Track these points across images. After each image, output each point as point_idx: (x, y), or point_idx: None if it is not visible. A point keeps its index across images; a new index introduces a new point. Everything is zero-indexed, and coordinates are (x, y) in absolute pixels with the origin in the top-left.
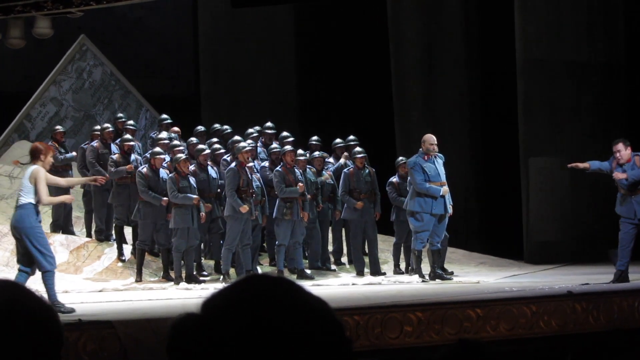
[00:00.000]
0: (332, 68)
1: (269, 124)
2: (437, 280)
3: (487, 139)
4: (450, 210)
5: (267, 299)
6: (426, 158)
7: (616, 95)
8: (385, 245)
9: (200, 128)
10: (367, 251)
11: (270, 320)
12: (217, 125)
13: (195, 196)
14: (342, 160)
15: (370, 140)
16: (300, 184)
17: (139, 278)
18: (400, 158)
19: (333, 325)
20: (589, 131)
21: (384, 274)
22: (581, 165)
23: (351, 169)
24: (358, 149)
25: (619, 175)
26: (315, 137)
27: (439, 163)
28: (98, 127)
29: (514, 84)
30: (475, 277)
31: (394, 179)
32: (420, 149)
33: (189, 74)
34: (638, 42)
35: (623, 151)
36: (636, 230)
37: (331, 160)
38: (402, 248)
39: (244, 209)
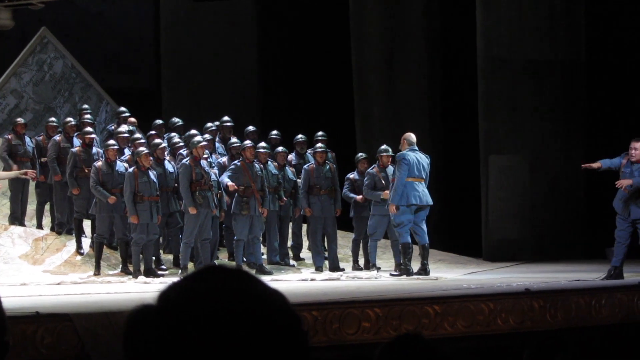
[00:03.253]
0: (294, 63)
1: (226, 118)
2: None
3: (447, 136)
4: (429, 201)
5: (223, 290)
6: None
7: (577, 93)
8: (344, 241)
9: (158, 122)
10: (326, 247)
11: (227, 312)
12: (175, 120)
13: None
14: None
15: (331, 136)
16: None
17: (97, 271)
18: (360, 154)
19: (290, 318)
20: (549, 130)
21: (343, 269)
22: (594, 165)
23: (312, 165)
24: (319, 144)
25: (623, 182)
26: (275, 132)
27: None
28: (53, 118)
29: (475, 82)
30: (434, 273)
31: (352, 175)
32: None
33: (150, 68)
34: (599, 40)
35: (639, 150)
36: (632, 228)
37: (291, 155)
38: (360, 244)
39: (192, 210)
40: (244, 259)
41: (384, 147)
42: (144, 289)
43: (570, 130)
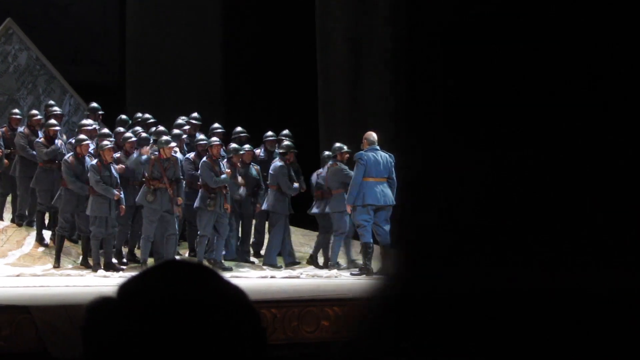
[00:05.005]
0: (259, 60)
1: (195, 114)
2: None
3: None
4: (389, 201)
5: (183, 285)
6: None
7: None
8: (305, 239)
9: (123, 116)
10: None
11: (185, 306)
12: (139, 114)
13: (116, 192)
14: None
15: (294, 134)
16: (227, 170)
17: (57, 264)
18: (326, 153)
19: (248, 314)
20: None
21: (299, 263)
22: None
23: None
24: (287, 143)
25: None
26: (239, 128)
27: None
28: (16, 110)
29: None
30: None
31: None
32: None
33: (115, 62)
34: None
35: None
36: None
37: (259, 152)
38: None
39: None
40: (205, 255)
41: (338, 145)
42: (103, 283)
43: None
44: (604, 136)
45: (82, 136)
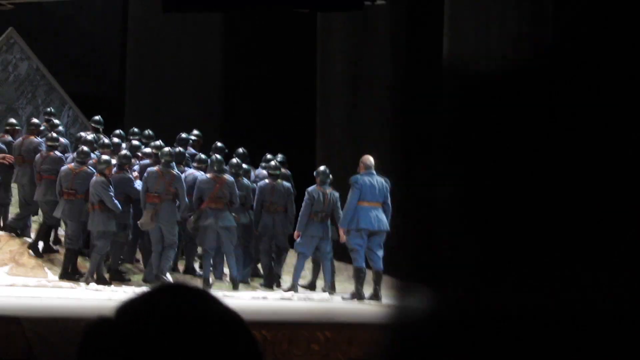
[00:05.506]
0: (259, 80)
1: (196, 132)
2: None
3: (408, 162)
4: (383, 226)
5: (182, 309)
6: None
7: None
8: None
9: (118, 132)
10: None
11: (184, 331)
12: (148, 132)
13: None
14: None
15: (292, 154)
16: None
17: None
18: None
19: (246, 340)
20: None
21: (279, 281)
22: None
23: (268, 182)
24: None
25: None
26: (242, 149)
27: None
28: (12, 120)
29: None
30: (387, 300)
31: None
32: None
33: (115, 75)
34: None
35: None
36: None
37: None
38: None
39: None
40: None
41: (322, 168)
42: (95, 296)
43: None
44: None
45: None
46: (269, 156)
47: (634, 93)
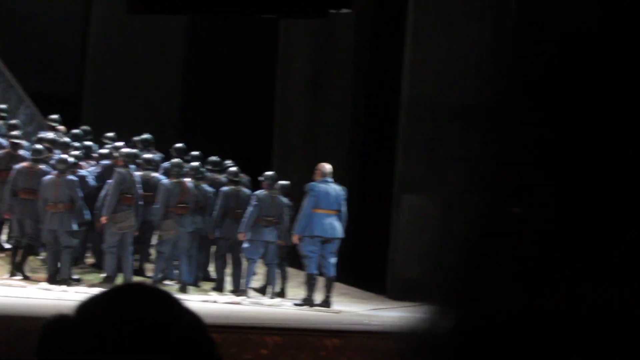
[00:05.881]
0: (218, 83)
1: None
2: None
3: (364, 170)
4: (336, 234)
5: (143, 309)
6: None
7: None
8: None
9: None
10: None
11: (144, 331)
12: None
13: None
14: None
15: (248, 161)
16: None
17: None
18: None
19: (205, 343)
20: (466, 175)
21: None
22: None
23: (229, 189)
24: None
25: None
26: (198, 152)
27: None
28: None
29: (397, 119)
30: (337, 307)
31: None
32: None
33: (74, 74)
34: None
35: None
36: None
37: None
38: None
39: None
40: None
41: (269, 173)
42: (45, 296)
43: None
44: None
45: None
46: (229, 162)
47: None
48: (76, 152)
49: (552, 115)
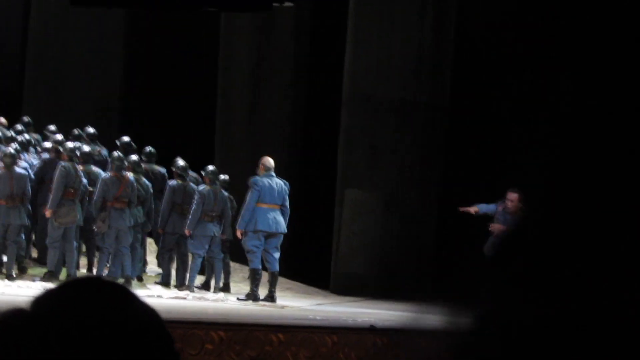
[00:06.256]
0: (159, 78)
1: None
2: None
3: (306, 165)
4: (280, 228)
5: (99, 302)
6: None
7: (437, 136)
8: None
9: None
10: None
11: (100, 325)
12: (51, 127)
13: None
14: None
15: (190, 154)
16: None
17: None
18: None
19: (163, 338)
20: (407, 168)
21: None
22: (471, 209)
23: (176, 183)
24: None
25: (495, 227)
26: (134, 145)
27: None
28: None
29: (338, 114)
30: (281, 301)
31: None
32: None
33: (14, 67)
34: (463, 86)
35: (515, 202)
36: None
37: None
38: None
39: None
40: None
41: (210, 167)
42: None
43: (427, 172)
44: None
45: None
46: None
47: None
48: (15, 145)
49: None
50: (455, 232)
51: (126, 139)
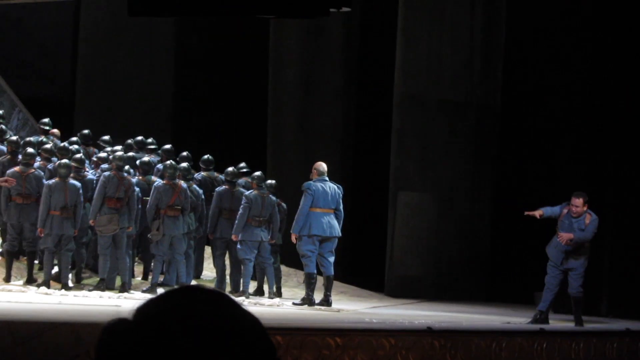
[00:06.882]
0: (210, 85)
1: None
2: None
3: (358, 168)
4: (334, 232)
5: (200, 310)
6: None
7: (489, 136)
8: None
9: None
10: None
11: (201, 332)
12: (106, 137)
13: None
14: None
15: (242, 160)
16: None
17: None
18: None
19: (264, 344)
20: (459, 170)
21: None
22: (536, 213)
23: (223, 189)
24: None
25: (564, 237)
26: (185, 153)
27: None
28: None
29: (389, 117)
30: (336, 305)
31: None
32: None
33: (66, 78)
34: (514, 86)
35: (580, 207)
36: (562, 275)
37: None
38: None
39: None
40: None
41: (257, 173)
42: (46, 300)
43: (480, 173)
44: None
45: (66, 161)
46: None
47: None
48: (80, 155)
49: None
50: (509, 232)
51: (167, 146)
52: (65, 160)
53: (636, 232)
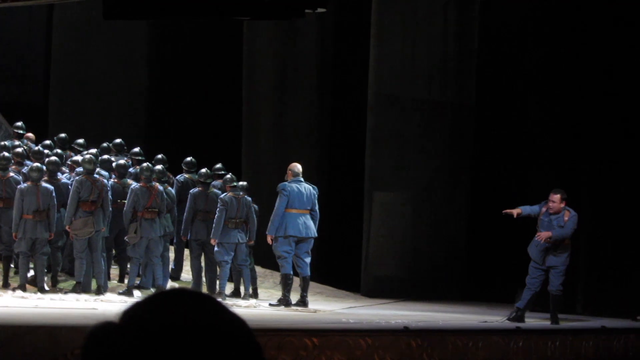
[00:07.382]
0: (184, 87)
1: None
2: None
3: (333, 169)
4: (310, 233)
5: (186, 312)
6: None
7: (465, 136)
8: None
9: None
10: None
11: (188, 334)
12: (80, 141)
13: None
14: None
15: (217, 162)
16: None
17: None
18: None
19: (251, 346)
20: (435, 169)
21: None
22: (514, 211)
23: (198, 191)
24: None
25: (543, 235)
26: (160, 156)
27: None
28: None
29: (364, 117)
30: (313, 306)
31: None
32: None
33: (39, 82)
34: (489, 85)
35: (557, 203)
36: (545, 276)
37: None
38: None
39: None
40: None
41: (229, 175)
42: (22, 304)
43: (456, 172)
44: None
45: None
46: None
47: None
48: (55, 158)
49: None
50: (485, 232)
51: (136, 149)
52: (37, 164)
53: (611, 231)
